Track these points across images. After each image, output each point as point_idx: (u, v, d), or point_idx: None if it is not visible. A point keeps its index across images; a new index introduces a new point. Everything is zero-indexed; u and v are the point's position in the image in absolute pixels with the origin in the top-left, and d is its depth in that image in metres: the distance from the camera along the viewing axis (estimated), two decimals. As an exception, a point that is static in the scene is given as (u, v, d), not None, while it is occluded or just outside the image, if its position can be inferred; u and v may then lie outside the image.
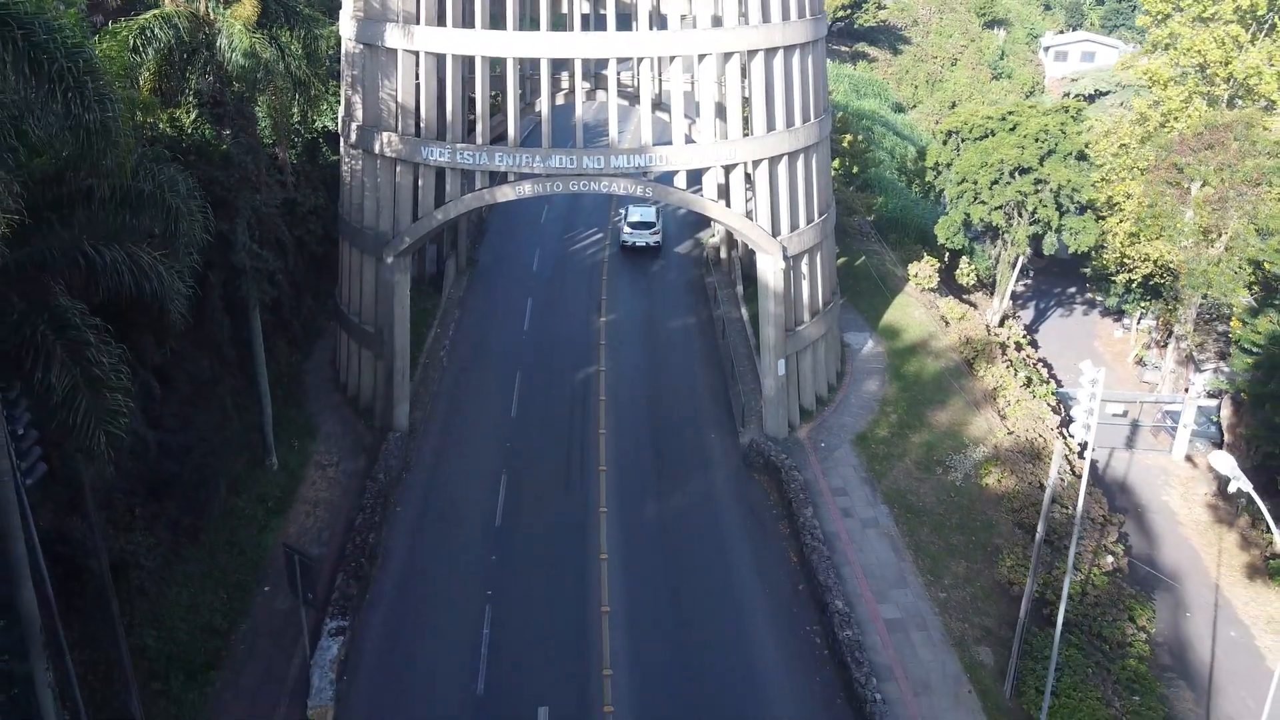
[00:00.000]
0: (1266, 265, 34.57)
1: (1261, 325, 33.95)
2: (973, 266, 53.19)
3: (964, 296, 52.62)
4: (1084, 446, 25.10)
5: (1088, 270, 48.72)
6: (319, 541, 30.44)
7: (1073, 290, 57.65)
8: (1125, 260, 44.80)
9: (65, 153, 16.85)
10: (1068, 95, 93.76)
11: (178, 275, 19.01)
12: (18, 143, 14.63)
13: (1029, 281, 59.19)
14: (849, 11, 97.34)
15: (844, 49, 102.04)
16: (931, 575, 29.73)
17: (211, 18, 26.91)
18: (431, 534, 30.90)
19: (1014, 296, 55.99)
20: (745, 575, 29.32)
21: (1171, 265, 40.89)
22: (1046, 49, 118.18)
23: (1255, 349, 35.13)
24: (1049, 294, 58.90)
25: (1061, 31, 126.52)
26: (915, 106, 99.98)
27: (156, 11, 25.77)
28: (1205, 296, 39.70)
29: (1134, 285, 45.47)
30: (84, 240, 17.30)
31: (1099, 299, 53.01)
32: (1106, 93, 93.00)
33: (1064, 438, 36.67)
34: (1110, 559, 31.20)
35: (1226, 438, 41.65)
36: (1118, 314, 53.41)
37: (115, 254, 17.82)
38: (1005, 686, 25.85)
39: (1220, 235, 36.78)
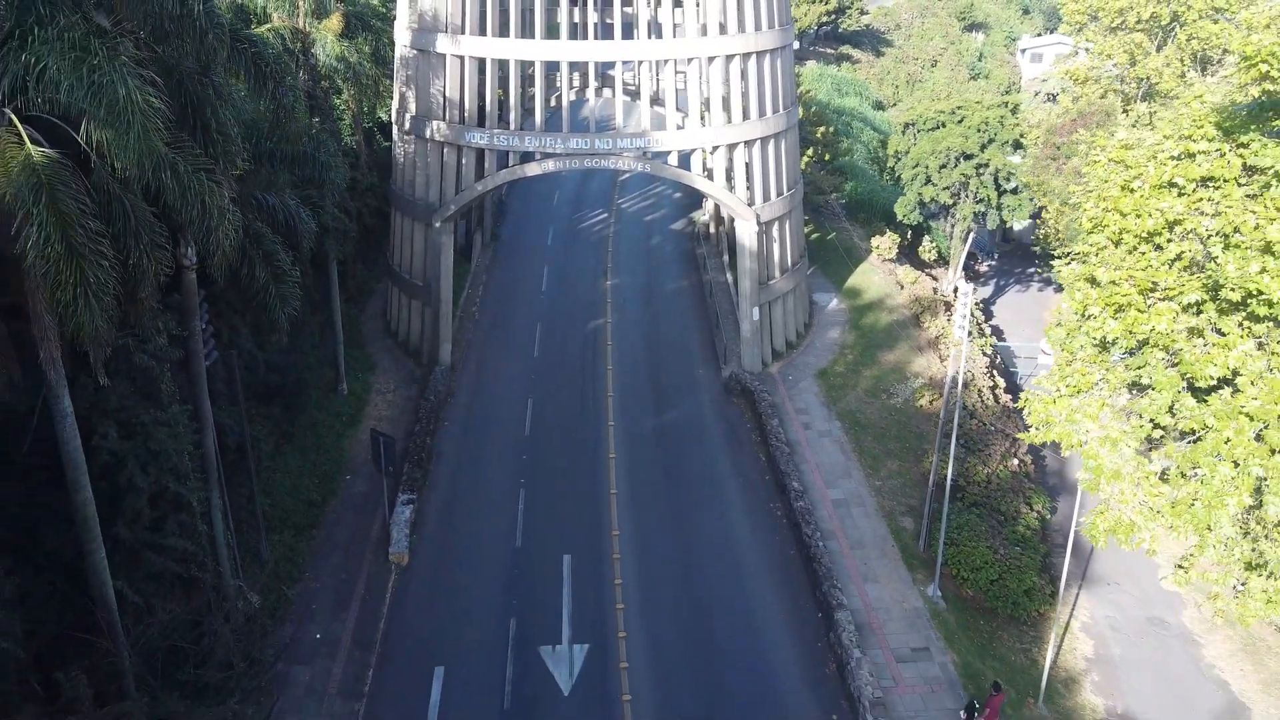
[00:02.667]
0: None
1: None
2: (934, 244, 60.94)
3: (926, 271, 60.42)
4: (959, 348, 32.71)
5: (1036, 248, 56.45)
6: (385, 445, 38.20)
7: (1031, 271, 65.36)
8: (1059, 235, 52.53)
9: (246, 129, 24.62)
10: (1038, 94, 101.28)
11: (311, 216, 26.82)
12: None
13: (993, 263, 66.94)
14: (833, 17, 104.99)
15: (829, 51, 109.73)
16: (871, 469, 37.57)
17: (308, 30, 34.73)
18: (473, 440, 38.74)
19: (978, 276, 63.73)
20: (722, 468, 37.17)
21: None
22: (1023, 51, 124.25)
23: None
24: (1010, 273, 66.58)
25: (1039, 34, 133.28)
26: (895, 105, 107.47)
27: (269, 26, 33.54)
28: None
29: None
30: (255, 189, 25.11)
31: (1051, 276, 60.72)
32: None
33: (993, 373, 44.68)
34: (1016, 461, 38.92)
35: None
36: (1066, 288, 61.21)
37: (273, 200, 25.66)
38: (920, 543, 33.67)
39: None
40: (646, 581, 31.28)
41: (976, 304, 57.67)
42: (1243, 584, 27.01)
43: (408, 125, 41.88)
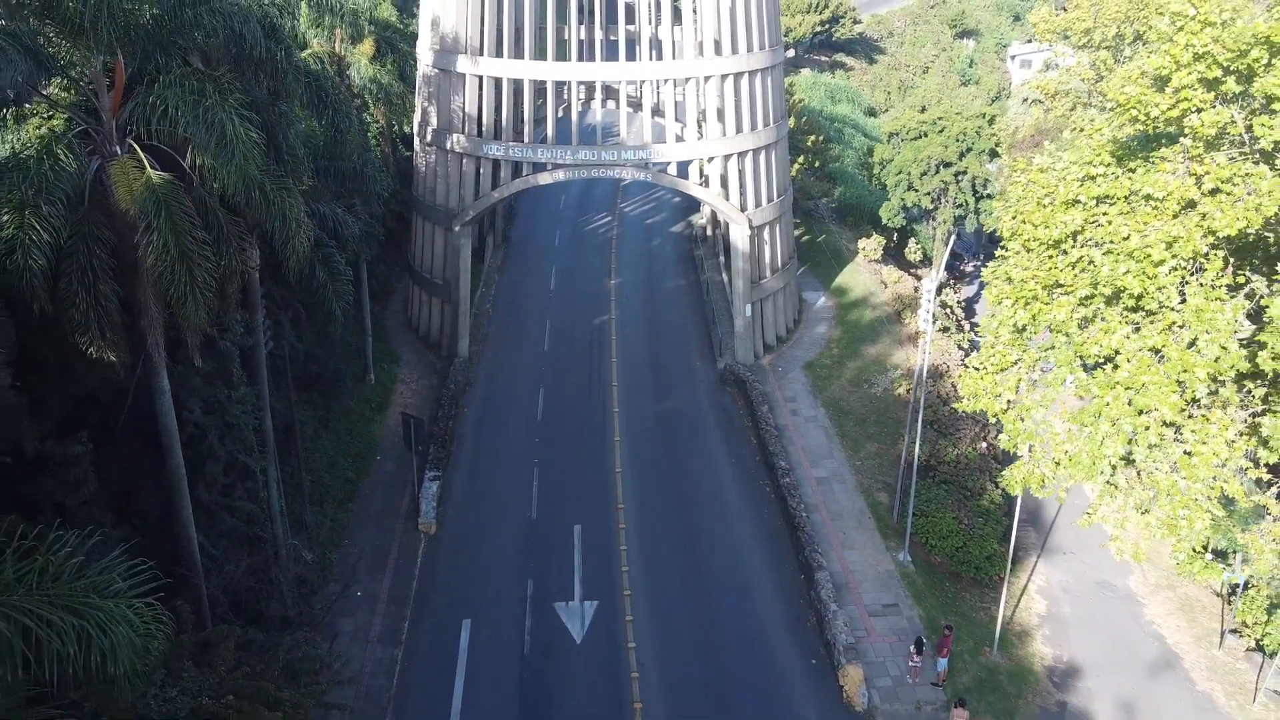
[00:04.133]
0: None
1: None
2: (919, 245, 64.79)
3: (911, 271, 64.31)
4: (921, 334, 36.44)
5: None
6: (411, 430, 42.02)
7: (1008, 268, 69.19)
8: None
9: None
10: (1025, 100, 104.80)
11: (355, 222, 30.68)
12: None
13: (978, 263, 70.77)
14: (827, 26, 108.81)
15: (823, 58, 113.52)
16: (852, 451, 41.42)
17: (343, 54, 38.56)
18: (491, 425, 42.58)
19: (964, 275, 67.56)
20: (717, 450, 41.03)
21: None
22: (1013, 57, 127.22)
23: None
24: (991, 272, 70.56)
25: (1030, 41, 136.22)
26: (887, 111, 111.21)
27: (310, 51, 37.31)
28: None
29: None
30: (310, 199, 28.94)
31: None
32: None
33: (965, 364, 48.48)
34: (985, 444, 42.76)
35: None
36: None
37: (324, 209, 29.51)
38: (894, 515, 37.51)
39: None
40: (648, 548, 35.10)
41: (958, 302, 61.57)
42: (1181, 555, 30.86)
43: (429, 137, 45.72)
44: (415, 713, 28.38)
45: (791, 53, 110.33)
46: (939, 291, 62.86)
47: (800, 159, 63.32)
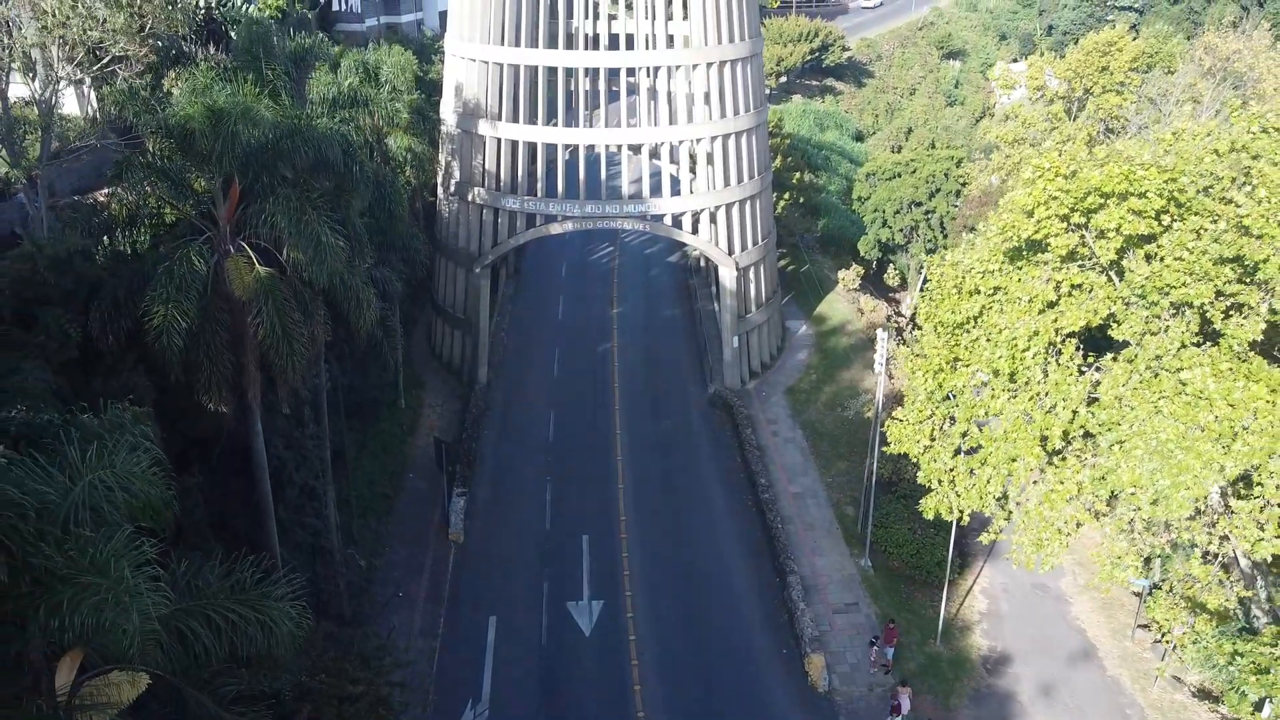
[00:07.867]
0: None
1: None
2: (897, 271, 70.67)
3: (890, 295, 70.28)
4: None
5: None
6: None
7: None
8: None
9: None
10: (1005, 119, 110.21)
11: (397, 279, 36.63)
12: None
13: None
14: (817, 54, 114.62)
15: (813, 84, 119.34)
16: (825, 469, 47.31)
17: (381, 126, 44.45)
18: (509, 445, 48.47)
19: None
20: (706, 467, 46.93)
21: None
22: (998, 76, 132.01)
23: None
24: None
25: (1015, 60, 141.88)
26: (875, 134, 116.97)
27: (354, 125, 43.14)
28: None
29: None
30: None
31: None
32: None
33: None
34: (942, 462, 48.67)
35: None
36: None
37: (376, 274, 35.38)
38: (859, 526, 43.41)
39: None
40: (647, 554, 41.02)
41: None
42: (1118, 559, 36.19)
43: (452, 189, 51.60)
44: (452, 693, 34.26)
45: (783, 79, 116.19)
46: (910, 320, 69.04)
47: (786, 195, 69.14)
